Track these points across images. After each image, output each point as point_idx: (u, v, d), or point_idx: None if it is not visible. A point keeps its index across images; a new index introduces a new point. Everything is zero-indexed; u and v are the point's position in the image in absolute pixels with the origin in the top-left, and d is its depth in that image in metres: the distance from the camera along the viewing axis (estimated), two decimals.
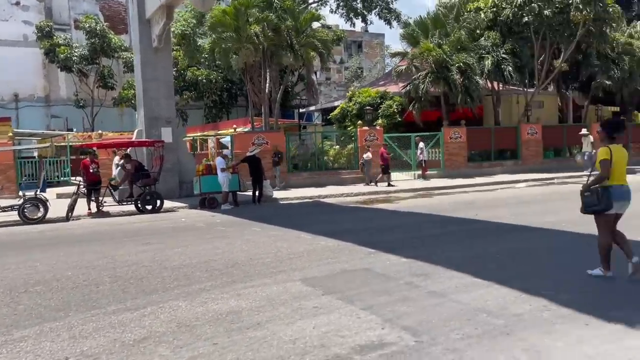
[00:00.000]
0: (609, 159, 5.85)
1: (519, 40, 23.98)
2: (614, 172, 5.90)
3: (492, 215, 11.49)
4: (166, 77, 18.05)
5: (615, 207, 5.95)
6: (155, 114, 17.87)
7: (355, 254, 7.85)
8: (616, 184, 5.91)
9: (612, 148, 5.92)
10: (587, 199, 6.07)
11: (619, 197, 5.92)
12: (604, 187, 5.91)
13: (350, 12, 34.70)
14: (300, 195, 17.50)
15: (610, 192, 5.88)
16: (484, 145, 24.53)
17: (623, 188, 5.95)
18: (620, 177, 5.95)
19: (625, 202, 5.99)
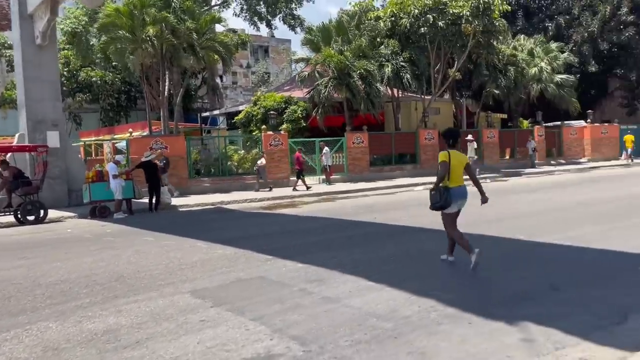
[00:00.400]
0: (447, 161, 6.63)
1: (416, 49, 25.00)
2: (452, 175, 6.65)
3: (390, 217, 11.74)
4: (51, 77, 16.72)
5: (453, 206, 6.74)
6: (39, 117, 16.49)
7: (251, 261, 7.61)
8: (454, 185, 6.69)
9: (450, 153, 6.67)
10: (433, 197, 6.82)
11: (457, 196, 6.70)
12: (445, 187, 6.67)
13: (254, 16, 34.47)
14: (202, 202, 16.94)
15: (450, 192, 6.66)
16: (385, 150, 25.26)
17: (460, 189, 6.74)
18: (458, 179, 6.72)
19: (462, 200, 6.79)
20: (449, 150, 6.72)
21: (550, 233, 9.06)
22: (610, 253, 7.45)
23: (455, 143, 6.84)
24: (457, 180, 6.73)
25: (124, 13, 18.87)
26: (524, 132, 30.49)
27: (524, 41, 30.86)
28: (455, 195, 6.69)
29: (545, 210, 12.10)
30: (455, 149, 6.80)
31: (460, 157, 6.78)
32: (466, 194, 6.83)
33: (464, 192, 6.79)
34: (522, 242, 8.48)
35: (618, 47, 33.86)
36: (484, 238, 8.86)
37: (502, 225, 10.06)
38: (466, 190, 6.82)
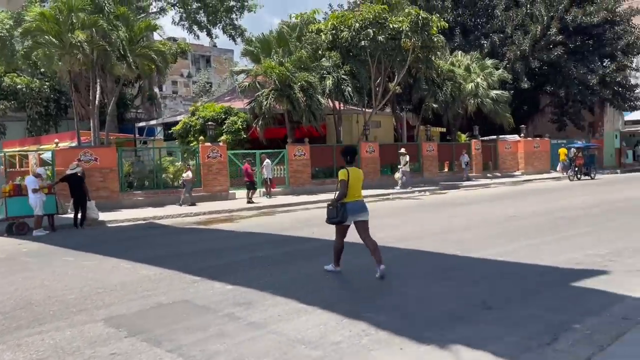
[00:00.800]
0: (346, 179, 6.87)
1: (357, 63, 25.13)
2: (350, 190, 6.91)
3: (329, 232, 11.37)
4: None
5: (349, 219, 7.01)
6: None
7: (177, 283, 7.13)
8: (351, 200, 6.95)
9: (349, 170, 6.94)
10: (330, 212, 7.08)
11: (353, 211, 6.99)
12: (342, 203, 6.93)
13: (194, 25, 33.72)
14: (133, 217, 16.12)
15: (346, 207, 6.93)
16: (327, 163, 25.15)
17: (357, 203, 7.03)
18: (355, 194, 7.00)
19: (359, 214, 7.06)
20: (348, 168, 6.99)
21: (485, 247, 9.08)
22: (540, 268, 7.49)
23: (352, 160, 7.13)
24: (355, 195, 7.01)
25: (50, 17, 17.81)
26: (462, 145, 31.26)
27: (461, 57, 31.76)
28: (352, 210, 6.97)
29: (481, 223, 12.23)
30: (353, 166, 7.09)
31: (358, 174, 7.10)
32: (364, 208, 7.13)
33: (361, 207, 7.07)
34: (457, 257, 8.43)
35: (548, 65, 35.46)
36: (420, 253, 8.76)
37: (439, 240, 10.03)
38: (363, 204, 7.13)
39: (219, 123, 24.67)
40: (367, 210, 7.16)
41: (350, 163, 7.12)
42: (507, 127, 32.51)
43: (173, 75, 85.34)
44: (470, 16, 38.83)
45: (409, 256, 8.61)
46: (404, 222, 13.12)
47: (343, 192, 6.91)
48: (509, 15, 36.64)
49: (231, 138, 24.32)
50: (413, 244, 9.56)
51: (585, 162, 28.64)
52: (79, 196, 14.26)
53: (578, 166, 28.01)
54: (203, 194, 20.96)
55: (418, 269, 7.66)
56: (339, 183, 7.00)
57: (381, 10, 24.34)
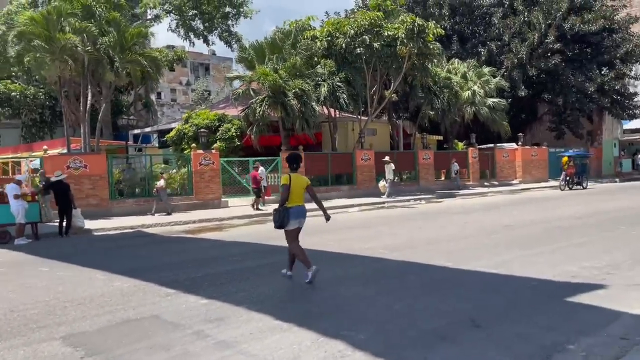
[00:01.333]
0: (288, 184, 7.12)
1: (353, 70, 24.85)
2: (292, 196, 7.13)
3: (317, 241, 11.11)
4: None
5: (292, 224, 7.22)
6: None
7: (149, 296, 6.75)
8: (293, 205, 7.16)
9: (291, 176, 7.19)
10: (274, 216, 7.29)
11: (295, 215, 7.19)
12: (284, 208, 7.13)
13: (189, 32, 33.52)
14: (122, 225, 15.74)
15: (288, 212, 7.14)
16: (322, 171, 24.80)
17: (299, 208, 7.23)
18: (297, 200, 7.21)
19: (301, 218, 7.31)
20: (291, 174, 7.24)
21: (478, 258, 8.71)
22: (534, 281, 7.12)
23: (297, 167, 7.43)
24: (296, 200, 7.21)
25: (39, 21, 17.53)
26: (459, 153, 30.95)
27: (458, 65, 31.53)
28: (293, 214, 7.18)
29: (475, 233, 11.86)
30: (297, 173, 7.36)
31: (301, 180, 7.30)
32: (304, 214, 7.33)
33: (301, 211, 7.29)
34: (448, 269, 8.05)
35: (546, 73, 35.23)
36: (409, 265, 8.39)
37: (431, 250, 9.66)
38: (304, 209, 7.33)
39: (213, 130, 24.36)
40: (304, 214, 7.38)
41: (295, 170, 7.37)
42: (504, 135, 32.22)
43: (172, 83, 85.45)
44: (467, 24, 38.67)
45: (397, 268, 8.24)
46: (397, 231, 12.76)
47: (284, 197, 7.17)
48: (506, 23, 36.48)
49: (225, 145, 24.01)
50: (404, 255, 9.19)
51: (577, 171, 27.85)
52: (64, 204, 13.89)
53: (569, 175, 27.35)
54: (195, 201, 20.61)
55: (405, 281, 7.29)
56: (281, 188, 7.28)
57: (376, 17, 24.10)
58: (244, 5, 32.34)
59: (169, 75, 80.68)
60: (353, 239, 11.53)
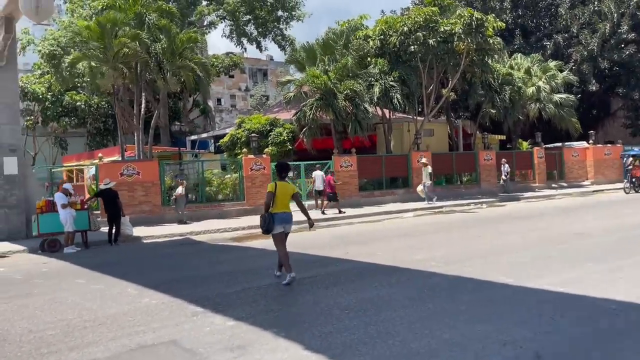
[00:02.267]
0: (273, 192, 7.58)
1: (407, 69, 23.87)
2: (277, 202, 7.54)
3: (366, 252, 10.39)
4: (10, 99, 15.59)
5: (277, 229, 7.63)
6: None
7: (175, 315, 6.26)
8: (278, 211, 7.59)
9: (277, 183, 7.70)
10: (260, 222, 7.70)
11: (280, 221, 7.63)
12: (269, 213, 7.55)
13: (242, 37, 33.56)
14: (171, 232, 15.62)
15: (273, 217, 7.56)
16: (376, 174, 23.95)
17: (284, 214, 7.66)
18: (282, 206, 7.63)
19: (285, 224, 7.75)
20: (277, 182, 7.75)
21: (544, 274, 7.69)
22: (614, 304, 6.07)
23: (285, 175, 7.98)
24: (282, 207, 7.63)
25: (94, 30, 17.83)
26: (523, 153, 29.19)
27: (520, 60, 29.75)
28: (278, 220, 7.61)
29: (540, 242, 10.71)
30: (285, 181, 7.89)
31: (287, 188, 7.78)
32: (289, 219, 7.78)
33: (286, 217, 7.71)
34: (509, 287, 7.10)
35: (619, 66, 32.74)
36: (464, 281, 7.49)
37: (490, 263, 8.69)
38: (289, 215, 7.75)
39: (265, 135, 24.08)
40: (289, 221, 7.82)
41: (283, 178, 7.93)
42: (573, 133, 30.08)
43: (232, 89, 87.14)
44: (531, 17, 36.65)
45: (450, 285, 7.36)
46: (453, 239, 11.79)
47: (267, 203, 7.61)
48: (574, 14, 34.24)
49: (276, 150, 23.67)
50: (458, 268, 8.28)
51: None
52: (112, 212, 13.88)
53: (636, 177, 24.31)
54: (246, 207, 20.33)
55: (458, 302, 6.42)
56: (266, 195, 7.71)
57: (432, 13, 23.02)
58: (297, 8, 32.00)
59: (228, 82, 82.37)
60: (403, 248, 10.70)
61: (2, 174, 15.31)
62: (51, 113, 33.16)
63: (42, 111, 33.42)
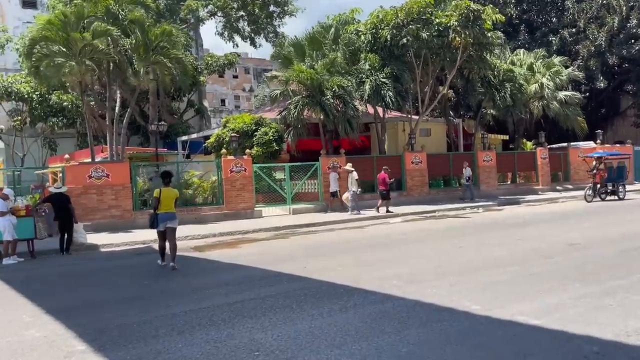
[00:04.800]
0: (158, 197, 9.49)
1: (401, 64, 22.53)
2: (162, 205, 9.45)
3: (327, 266, 9.12)
4: None
5: (161, 226, 9.57)
6: None
7: (47, 356, 5.04)
8: (162, 212, 9.49)
9: (162, 189, 9.57)
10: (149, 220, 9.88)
11: (162, 219, 9.52)
12: (155, 214, 9.54)
13: (235, 34, 32.44)
14: (133, 240, 14.41)
15: (157, 217, 9.52)
16: (366, 176, 22.56)
17: (167, 214, 9.53)
18: (166, 207, 9.53)
19: (167, 222, 9.56)
20: (162, 188, 9.62)
21: (519, 299, 6.40)
22: (598, 343, 4.76)
23: (169, 182, 9.80)
24: (165, 208, 9.54)
25: (56, 24, 16.72)
26: (526, 154, 27.71)
27: (523, 56, 28.28)
28: (162, 219, 9.53)
29: (526, 255, 9.37)
30: (169, 187, 9.76)
31: (170, 193, 9.67)
32: (171, 218, 9.62)
33: (169, 216, 9.59)
34: (471, 317, 5.80)
35: (628, 62, 31.13)
36: (421, 308, 6.21)
37: (461, 282, 7.39)
38: (172, 215, 9.63)
39: (250, 135, 22.86)
40: (175, 219, 9.76)
41: (167, 185, 9.73)
42: (580, 132, 28.58)
43: (235, 89, 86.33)
44: (537, 11, 35.16)
45: (403, 312, 6.07)
46: (430, 251, 10.47)
47: (154, 205, 9.62)
48: (581, 8, 32.68)
49: (262, 150, 22.42)
50: (420, 290, 7.00)
51: (610, 176, 21.72)
52: (63, 218, 12.72)
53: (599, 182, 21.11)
54: (226, 212, 19.16)
55: (401, 340, 5.12)
56: (153, 199, 9.84)
57: (425, 4, 21.67)
58: (289, 3, 30.79)
59: (232, 82, 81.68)
60: (370, 262, 9.41)
61: None
62: (38, 113, 32.23)
63: (30, 111, 32.53)
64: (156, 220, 9.52)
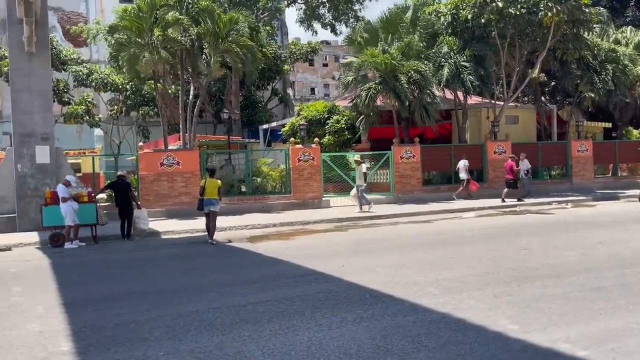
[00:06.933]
0: (203, 185, 11.92)
1: (483, 46, 20.84)
2: (206, 191, 11.80)
3: (366, 266, 8.40)
4: (42, 87, 15.29)
5: (205, 209, 11.88)
6: (28, 130, 15.09)
7: (25, 355, 4.85)
8: (206, 198, 11.82)
9: (207, 180, 11.96)
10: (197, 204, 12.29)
11: (206, 204, 11.85)
12: (201, 199, 11.91)
13: (315, 21, 32.02)
14: (195, 228, 14.45)
15: (202, 202, 11.88)
16: (443, 166, 21.32)
17: (209, 200, 11.83)
18: (210, 194, 11.84)
19: (209, 206, 11.87)
20: (207, 178, 12.01)
21: (572, 319, 5.34)
22: None
23: (213, 175, 12.12)
24: (209, 195, 11.81)
25: (132, 15, 17.20)
26: (630, 144, 24.77)
27: (630, 34, 25.15)
28: (205, 203, 11.82)
29: (602, 263, 8.01)
30: (214, 178, 12.06)
31: (213, 183, 11.93)
32: (212, 203, 11.88)
33: (210, 202, 11.83)
34: (504, 340, 4.86)
35: None
36: (446, 324, 5.33)
37: (506, 293, 6.38)
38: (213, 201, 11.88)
39: (322, 123, 22.38)
40: (216, 204, 11.98)
41: (211, 176, 12.03)
42: None
43: (325, 78, 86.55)
44: None
45: (425, 329, 5.24)
46: (488, 252, 9.33)
47: (200, 192, 11.99)
48: None
49: (334, 139, 21.89)
50: (455, 301, 6.11)
51: None
52: (123, 205, 12.99)
53: None
54: (293, 201, 18.87)
55: None
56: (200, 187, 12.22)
57: None
58: None
59: (322, 71, 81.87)
60: (412, 264, 8.53)
61: (34, 162, 15.09)
62: (132, 103, 34.00)
63: (124, 101, 34.41)
64: (202, 204, 11.77)
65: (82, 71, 29.62)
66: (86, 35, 27.37)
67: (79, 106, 30.87)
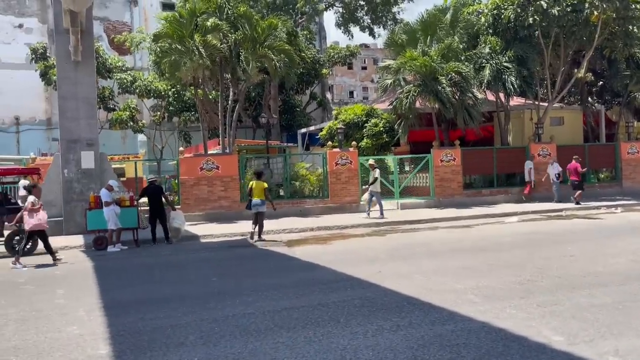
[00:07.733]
0: (251, 187, 13.13)
1: (526, 47, 20.26)
2: (254, 193, 12.98)
3: (402, 272, 8.24)
4: (87, 94, 15.78)
5: (253, 209, 13.00)
6: (74, 136, 15.61)
7: None
8: (254, 198, 12.93)
9: (254, 182, 13.11)
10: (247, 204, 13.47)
11: (254, 204, 12.96)
12: (249, 200, 13.09)
13: (353, 24, 31.93)
14: (233, 232, 14.60)
15: (251, 202, 13.01)
16: (485, 170, 20.82)
17: (256, 201, 12.93)
18: (257, 195, 12.96)
19: (257, 206, 12.98)
20: (255, 181, 13.18)
21: (622, 331, 5.06)
22: None
23: (260, 178, 13.28)
24: (257, 196, 12.95)
25: (173, 22, 17.56)
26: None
27: None
28: (253, 204, 12.94)
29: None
30: (260, 180, 13.20)
31: (260, 185, 13.06)
32: (259, 204, 12.98)
33: (257, 203, 12.94)
34: (548, 352, 4.64)
35: None
36: (487, 333, 5.14)
37: (550, 302, 6.12)
38: (259, 201, 12.96)
39: (360, 126, 22.23)
40: (262, 205, 13.04)
41: (258, 179, 13.21)
42: None
43: (364, 81, 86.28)
44: None
45: (464, 339, 5.07)
46: (532, 259, 9.00)
47: (248, 193, 13.35)
48: None
49: (372, 142, 21.69)
50: (497, 309, 5.89)
51: None
52: (155, 208, 13.16)
53: None
54: (330, 205, 18.86)
55: None
56: (248, 189, 13.47)
57: None
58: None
59: (360, 74, 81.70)
60: (451, 270, 8.30)
61: (80, 168, 15.57)
62: (174, 108, 34.75)
63: (167, 107, 35.21)
64: (249, 204, 12.94)
65: (127, 78, 30.45)
66: (130, 43, 28.09)
67: (124, 112, 31.72)
